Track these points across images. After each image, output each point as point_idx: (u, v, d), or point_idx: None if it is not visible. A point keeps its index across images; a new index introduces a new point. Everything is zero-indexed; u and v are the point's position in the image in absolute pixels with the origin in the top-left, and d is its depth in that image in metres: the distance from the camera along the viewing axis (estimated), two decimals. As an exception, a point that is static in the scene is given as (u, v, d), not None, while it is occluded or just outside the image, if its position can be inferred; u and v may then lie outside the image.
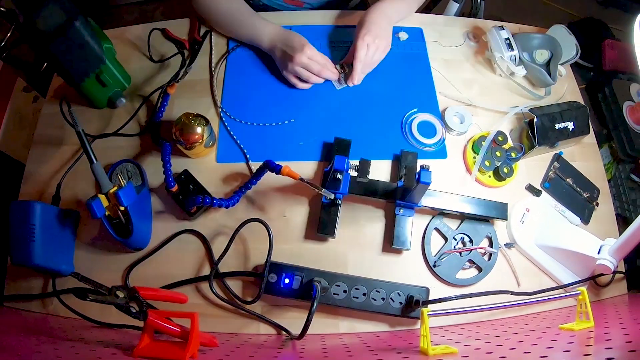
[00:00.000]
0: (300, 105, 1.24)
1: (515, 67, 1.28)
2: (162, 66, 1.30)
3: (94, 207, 0.93)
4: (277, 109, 1.23)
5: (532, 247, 1.10)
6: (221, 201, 1.03)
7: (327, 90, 1.26)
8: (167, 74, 1.28)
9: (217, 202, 1.02)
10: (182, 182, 1.10)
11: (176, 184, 1.05)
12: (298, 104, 1.24)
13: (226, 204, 1.03)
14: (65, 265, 1.03)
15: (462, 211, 1.08)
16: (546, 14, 2.89)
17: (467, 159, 1.18)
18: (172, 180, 1.03)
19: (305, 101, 1.24)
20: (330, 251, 1.08)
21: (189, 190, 1.09)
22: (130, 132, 1.20)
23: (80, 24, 1.06)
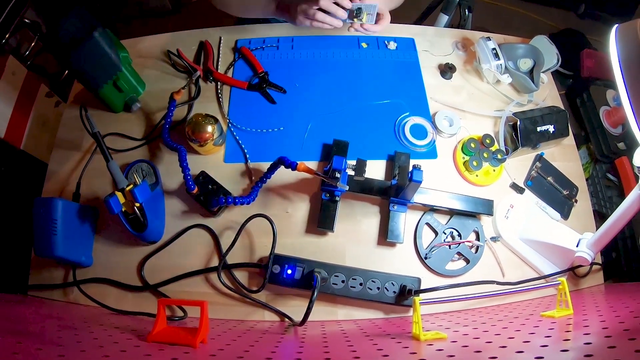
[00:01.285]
0: (301, 111, 1.23)
1: (501, 75, 1.28)
2: (174, 74, 1.31)
3: (111, 204, 0.93)
4: (279, 114, 1.23)
5: (515, 240, 1.10)
6: (242, 199, 1.03)
7: (327, 96, 1.26)
8: (177, 82, 1.29)
9: (238, 200, 1.02)
10: (200, 183, 1.10)
11: (196, 186, 1.04)
12: (299, 109, 1.24)
13: (247, 200, 1.04)
14: (85, 257, 1.04)
15: (451, 207, 1.08)
16: (529, 26, 2.91)
17: (457, 159, 1.17)
18: (192, 183, 1.03)
19: (306, 106, 1.24)
20: (329, 244, 1.07)
21: (209, 190, 1.09)
22: (143, 135, 1.21)
23: (99, 35, 1.06)
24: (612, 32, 0.74)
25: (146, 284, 1.03)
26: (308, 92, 1.26)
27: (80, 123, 1.19)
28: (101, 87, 1.15)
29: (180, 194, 1.12)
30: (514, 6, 3.04)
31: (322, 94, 1.26)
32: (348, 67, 1.31)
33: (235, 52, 1.34)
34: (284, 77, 1.27)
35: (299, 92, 1.26)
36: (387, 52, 1.35)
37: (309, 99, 1.25)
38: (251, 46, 1.35)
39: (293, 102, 1.24)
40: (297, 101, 1.25)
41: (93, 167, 1.15)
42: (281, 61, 1.32)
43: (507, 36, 1.43)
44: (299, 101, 1.25)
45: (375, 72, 1.30)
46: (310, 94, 1.26)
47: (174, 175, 1.13)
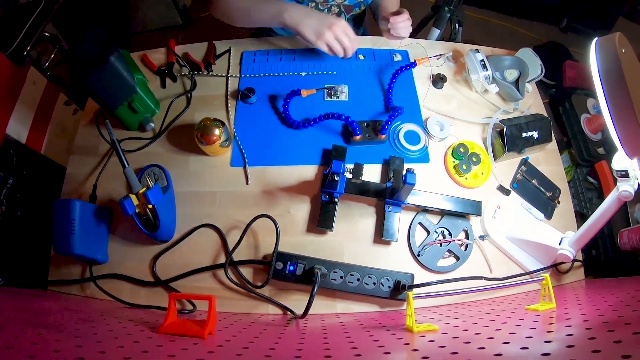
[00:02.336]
0: (303, 118, 1.23)
1: (489, 85, 1.28)
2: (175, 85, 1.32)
3: (126, 206, 0.93)
4: (282, 124, 1.24)
5: (502, 239, 1.10)
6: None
7: (328, 105, 1.26)
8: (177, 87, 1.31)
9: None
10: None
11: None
12: (301, 116, 1.24)
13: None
14: (101, 255, 1.04)
15: (442, 208, 1.09)
16: (515, 39, 2.92)
17: (448, 163, 1.18)
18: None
19: (308, 114, 1.24)
20: (329, 242, 1.08)
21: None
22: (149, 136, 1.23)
23: (115, 59, 1.06)
24: (592, 45, 0.75)
25: (158, 280, 1.03)
26: (310, 102, 1.27)
27: (96, 130, 1.20)
28: (116, 107, 1.15)
29: (190, 196, 1.12)
30: (501, 21, 3.06)
31: (323, 103, 1.27)
32: (347, 78, 1.32)
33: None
34: (286, 86, 1.28)
35: (301, 102, 1.26)
36: (389, 64, 1.35)
37: (310, 106, 1.25)
38: (256, 58, 1.35)
39: (296, 110, 1.25)
40: (299, 109, 1.25)
41: (108, 171, 1.16)
42: (283, 71, 1.33)
43: (495, 48, 1.44)
44: (301, 108, 1.25)
45: (372, 83, 1.31)
46: (312, 103, 1.26)
47: (184, 179, 1.14)
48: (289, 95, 1.24)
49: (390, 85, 1.28)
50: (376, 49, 1.38)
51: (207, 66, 1.32)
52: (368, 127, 1.19)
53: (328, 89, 1.28)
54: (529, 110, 1.30)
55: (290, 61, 1.34)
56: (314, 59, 1.35)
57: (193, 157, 1.17)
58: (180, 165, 1.16)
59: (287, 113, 1.22)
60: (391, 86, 1.28)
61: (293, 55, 1.36)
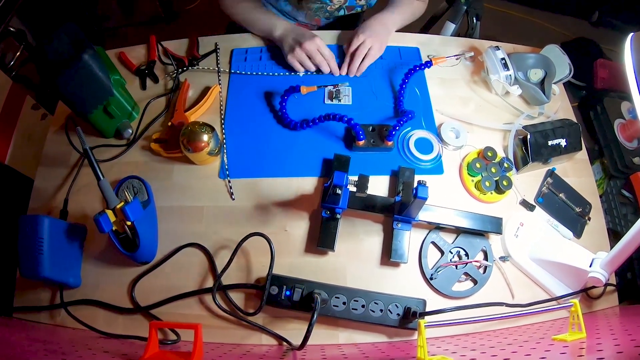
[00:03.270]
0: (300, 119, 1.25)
1: (511, 87, 1.30)
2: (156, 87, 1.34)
3: (101, 222, 0.94)
4: (277, 126, 1.26)
5: (526, 260, 1.11)
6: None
7: (328, 109, 1.28)
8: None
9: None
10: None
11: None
12: (293, 115, 1.26)
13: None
14: (73, 278, 1.04)
15: (458, 225, 1.09)
16: (540, 34, 2.91)
17: (463, 174, 1.19)
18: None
19: (305, 115, 1.26)
20: (330, 264, 1.09)
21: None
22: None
23: (89, 57, 1.07)
24: (627, 40, 0.75)
25: (137, 306, 1.04)
26: (309, 104, 1.29)
27: (68, 137, 1.21)
28: (90, 112, 1.15)
29: (173, 212, 1.14)
30: (524, 14, 3.06)
31: (323, 106, 1.29)
32: (350, 79, 1.34)
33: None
34: (281, 86, 1.30)
35: (299, 104, 1.28)
36: (391, 62, 1.37)
37: (309, 109, 1.27)
38: (248, 56, 1.38)
39: (294, 111, 1.27)
40: (297, 110, 1.27)
41: (81, 183, 1.17)
42: (278, 71, 1.35)
43: (517, 45, 1.46)
44: (299, 111, 1.27)
45: (380, 83, 1.33)
46: (311, 106, 1.28)
47: (167, 192, 1.16)
48: (287, 91, 1.27)
49: (402, 86, 1.30)
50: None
51: (191, 62, 1.35)
52: (373, 132, 1.21)
53: (329, 91, 1.30)
54: (555, 115, 1.32)
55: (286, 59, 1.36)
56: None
57: (177, 167, 1.19)
58: (162, 177, 1.18)
59: (284, 111, 1.25)
60: (403, 87, 1.30)
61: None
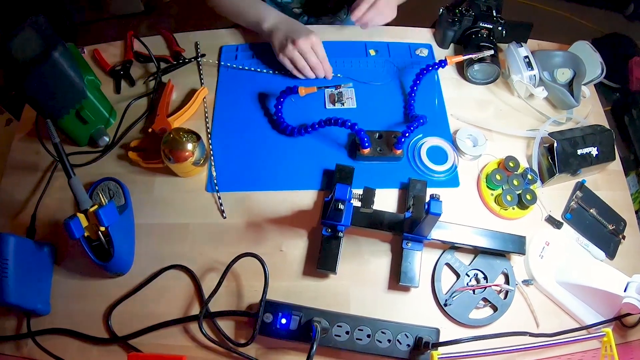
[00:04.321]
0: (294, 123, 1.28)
1: (535, 88, 1.32)
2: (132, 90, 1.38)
3: (72, 227, 0.95)
4: (272, 132, 1.29)
5: (552, 284, 1.11)
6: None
7: (329, 113, 1.31)
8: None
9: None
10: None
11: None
12: (290, 119, 1.29)
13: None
14: (41, 304, 1.05)
15: (476, 245, 1.10)
16: (568, 29, 2.87)
17: (482, 190, 1.21)
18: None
19: (304, 119, 1.28)
20: (331, 288, 1.10)
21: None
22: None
23: (59, 55, 1.07)
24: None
25: (114, 336, 1.05)
26: (308, 107, 1.32)
27: (36, 145, 1.24)
28: (61, 117, 1.17)
29: (155, 230, 1.16)
30: (551, 7, 3.04)
31: (324, 110, 1.32)
32: (354, 80, 1.37)
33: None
34: (276, 87, 1.32)
35: (297, 107, 1.32)
36: (401, 61, 1.41)
37: (308, 113, 1.30)
38: (239, 53, 1.41)
39: (290, 116, 1.30)
40: (295, 115, 1.30)
41: (51, 196, 1.20)
42: (273, 70, 1.39)
43: (542, 42, 1.49)
44: (297, 115, 1.30)
45: (388, 85, 1.36)
46: (310, 110, 1.31)
47: (148, 207, 1.18)
48: (283, 93, 1.29)
49: (413, 88, 1.33)
50: (391, 42, 1.45)
51: (176, 57, 1.39)
52: (380, 140, 1.24)
53: (331, 93, 1.33)
54: (585, 120, 1.33)
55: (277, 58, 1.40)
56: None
57: (159, 179, 1.22)
58: (142, 190, 1.21)
59: (279, 115, 1.28)
60: (414, 89, 1.32)
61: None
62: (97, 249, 1.04)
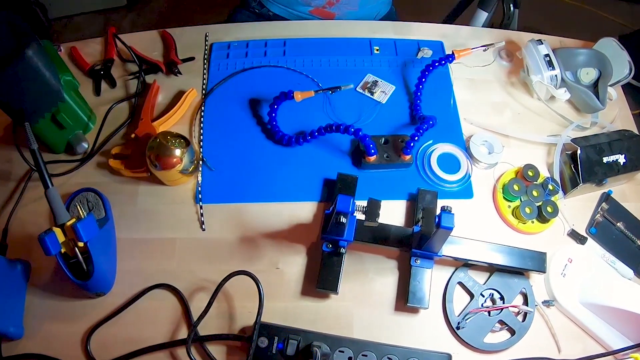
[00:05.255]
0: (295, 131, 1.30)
1: (557, 90, 1.33)
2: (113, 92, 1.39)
3: (47, 242, 0.95)
4: (267, 142, 1.30)
5: (575, 305, 1.12)
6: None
7: (330, 116, 1.33)
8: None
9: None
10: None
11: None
12: (286, 127, 1.30)
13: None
14: (14, 327, 1.05)
15: (492, 262, 1.11)
16: (593, 25, 2.87)
17: (498, 202, 1.22)
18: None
19: (301, 125, 1.31)
20: (332, 310, 1.11)
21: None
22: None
23: (33, 53, 1.07)
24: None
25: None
26: (305, 111, 1.33)
27: (7, 153, 1.26)
28: (35, 121, 1.16)
29: (138, 245, 1.17)
30: (574, 0, 3.03)
31: (323, 113, 1.33)
32: (357, 79, 1.39)
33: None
34: (272, 91, 1.33)
35: (294, 111, 1.33)
36: (407, 59, 1.43)
37: (306, 120, 1.32)
38: (230, 51, 1.43)
39: (286, 121, 1.31)
40: (291, 119, 1.32)
41: (24, 209, 1.21)
42: (269, 71, 1.41)
43: (565, 39, 1.50)
44: (294, 123, 1.32)
45: (393, 84, 1.38)
46: (308, 114, 1.33)
47: (130, 220, 1.19)
48: (276, 99, 1.30)
49: (418, 86, 1.34)
50: (398, 39, 1.47)
51: (170, 67, 1.40)
52: (387, 145, 1.25)
53: (365, 81, 1.35)
54: (612, 125, 1.35)
55: (278, 55, 1.43)
56: (313, 53, 1.43)
57: (143, 189, 1.24)
58: (124, 201, 1.22)
59: (274, 124, 1.29)
60: (420, 88, 1.34)
61: (282, 48, 1.45)
62: (75, 266, 1.03)
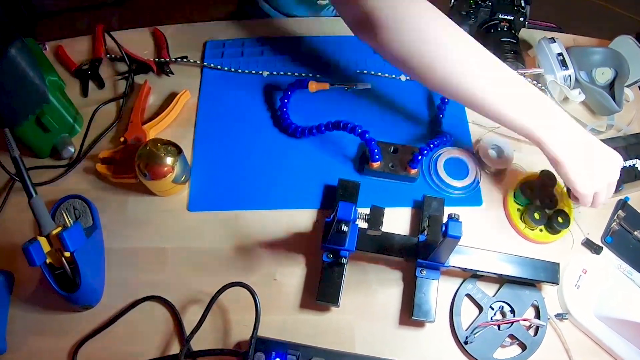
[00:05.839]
0: (295, 140, 1.31)
1: (570, 91, 1.33)
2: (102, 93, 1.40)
3: (31, 252, 0.95)
4: (265, 143, 1.31)
5: (590, 318, 1.12)
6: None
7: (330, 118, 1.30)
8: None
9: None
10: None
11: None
12: (292, 138, 1.31)
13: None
14: None
15: (502, 273, 1.11)
16: (609, 22, 2.88)
17: (509, 209, 1.23)
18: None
19: (305, 118, 1.32)
20: (332, 324, 1.12)
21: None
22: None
23: (16, 52, 1.07)
24: None
25: (80, 379, 1.06)
26: (304, 112, 1.34)
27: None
28: (19, 124, 1.16)
29: (128, 255, 1.17)
30: None
31: (323, 115, 1.31)
32: (374, 79, 1.40)
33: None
34: (269, 90, 1.36)
35: (291, 114, 1.34)
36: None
37: (316, 115, 1.31)
38: (225, 50, 1.45)
39: (296, 117, 1.32)
40: (301, 117, 1.33)
41: (7, 218, 1.21)
42: (269, 69, 1.41)
43: (579, 37, 1.51)
44: (304, 117, 1.33)
45: (398, 88, 1.39)
46: (306, 116, 1.34)
47: (120, 228, 1.20)
48: (291, 86, 1.32)
49: (444, 100, 1.35)
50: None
51: (161, 66, 1.41)
52: (395, 154, 1.26)
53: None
54: (629, 127, 1.36)
55: (276, 54, 1.44)
56: (315, 53, 1.45)
57: (133, 195, 1.24)
58: (113, 208, 1.23)
59: (284, 110, 1.30)
60: (445, 101, 1.35)
61: (281, 47, 1.46)
62: (62, 277, 1.04)
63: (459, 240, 0.96)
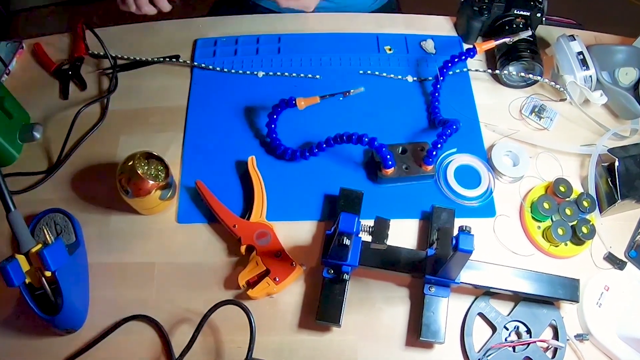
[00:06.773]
0: (293, 145, 1.32)
1: (592, 93, 1.34)
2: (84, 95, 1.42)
3: (9, 272, 0.95)
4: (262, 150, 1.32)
5: (612, 339, 1.12)
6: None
7: (331, 123, 1.34)
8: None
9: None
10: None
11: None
12: (290, 143, 1.32)
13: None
14: None
15: (517, 290, 1.12)
16: (633, 18, 2.83)
17: (526, 221, 1.23)
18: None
19: (300, 139, 1.33)
20: (333, 345, 1.12)
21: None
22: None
23: None
24: None
25: (62, 405, 1.07)
26: (303, 117, 1.35)
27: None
28: None
29: (112, 271, 1.18)
30: None
31: (324, 120, 1.35)
32: (363, 82, 1.40)
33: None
34: (266, 96, 1.36)
35: (290, 117, 1.35)
36: (420, 57, 1.45)
37: (304, 127, 1.34)
38: (217, 49, 1.47)
39: (282, 133, 1.33)
40: (288, 131, 1.34)
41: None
42: (264, 69, 1.43)
43: (600, 34, 1.53)
44: (291, 131, 1.34)
45: (405, 89, 1.41)
46: (306, 121, 1.35)
47: (103, 242, 1.21)
48: (276, 107, 1.30)
49: (436, 86, 1.37)
50: (409, 34, 1.50)
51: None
52: (405, 155, 1.27)
53: (534, 105, 1.36)
54: None
55: (272, 53, 1.46)
56: (312, 50, 1.46)
57: (117, 205, 1.24)
58: (96, 219, 1.24)
59: (273, 136, 1.30)
60: (437, 88, 1.36)
61: (277, 45, 1.48)
62: (42, 298, 1.04)
63: (470, 254, 0.96)
